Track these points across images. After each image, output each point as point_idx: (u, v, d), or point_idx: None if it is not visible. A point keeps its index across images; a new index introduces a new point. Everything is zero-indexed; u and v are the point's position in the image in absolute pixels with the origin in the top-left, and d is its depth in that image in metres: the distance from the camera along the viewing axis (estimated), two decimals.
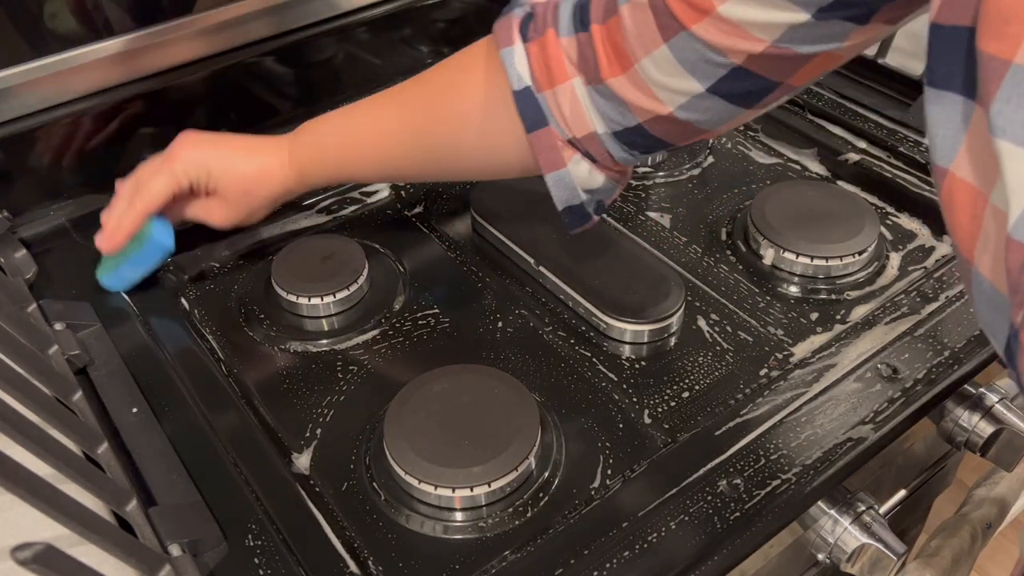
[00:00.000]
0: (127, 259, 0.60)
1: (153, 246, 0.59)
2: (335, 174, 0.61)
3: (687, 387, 0.57)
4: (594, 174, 0.51)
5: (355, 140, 0.58)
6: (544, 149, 0.50)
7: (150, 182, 0.59)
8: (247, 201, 0.61)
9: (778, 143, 0.80)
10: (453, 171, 0.60)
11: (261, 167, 0.60)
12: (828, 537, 0.51)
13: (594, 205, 0.53)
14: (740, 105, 0.45)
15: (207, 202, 0.61)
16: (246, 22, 0.73)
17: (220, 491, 0.48)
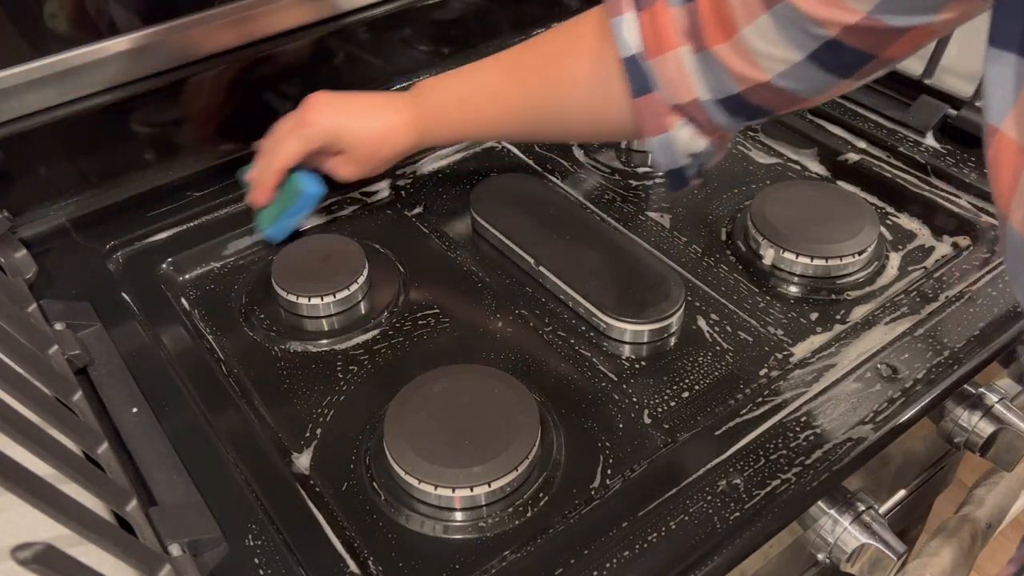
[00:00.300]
0: (284, 211, 0.67)
1: (303, 196, 0.66)
2: (453, 134, 0.67)
3: (687, 387, 0.57)
4: (696, 139, 0.53)
5: (474, 103, 0.62)
6: (648, 114, 0.52)
7: (284, 142, 0.64)
8: (371, 159, 0.66)
9: (778, 143, 0.80)
10: (559, 133, 0.66)
11: (384, 129, 0.64)
12: (828, 537, 0.51)
13: (695, 169, 0.56)
14: (837, 75, 0.46)
15: (336, 159, 0.66)
16: (246, 22, 0.73)
17: (220, 491, 0.48)
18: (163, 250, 0.67)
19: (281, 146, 0.65)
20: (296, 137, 0.64)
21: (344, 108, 0.65)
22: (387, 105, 0.65)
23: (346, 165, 0.66)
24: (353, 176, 0.67)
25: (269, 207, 0.67)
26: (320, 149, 0.65)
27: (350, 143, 0.64)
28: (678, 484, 0.48)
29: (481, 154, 0.79)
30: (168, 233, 0.69)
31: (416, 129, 0.64)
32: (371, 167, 0.67)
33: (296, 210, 0.67)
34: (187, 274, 0.67)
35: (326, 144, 0.64)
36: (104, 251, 0.66)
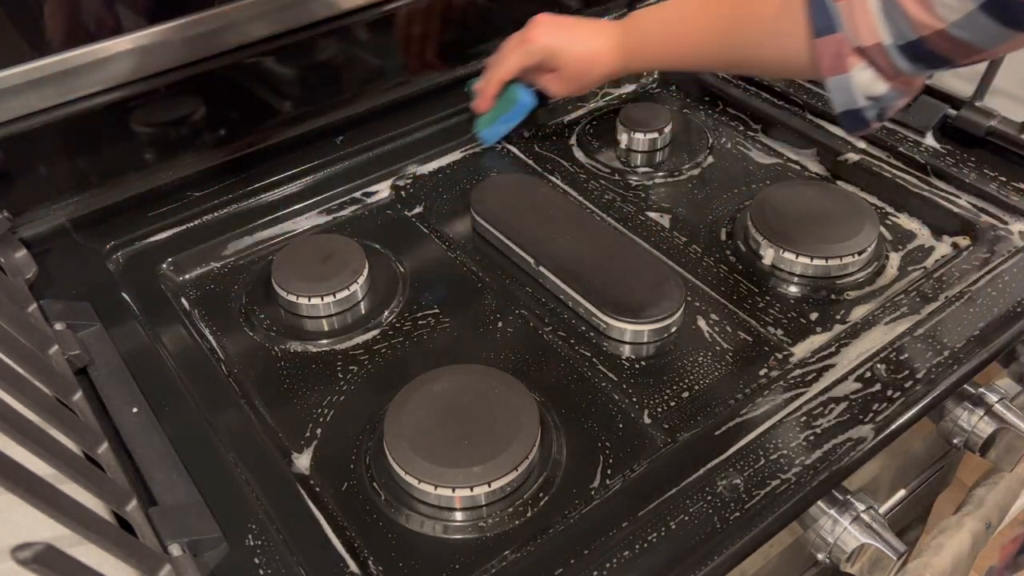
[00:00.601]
0: (498, 117, 0.77)
1: (517, 105, 0.76)
2: (655, 61, 0.74)
3: (687, 387, 0.57)
4: (877, 82, 0.54)
5: (675, 37, 0.68)
6: (829, 54, 0.54)
7: (507, 56, 0.74)
8: (580, 79, 0.74)
9: (778, 143, 0.80)
10: (746, 66, 0.73)
11: (594, 52, 0.71)
12: (828, 537, 0.51)
13: (875, 112, 0.56)
14: (1012, 28, 0.47)
15: (549, 76, 0.74)
16: (246, 22, 0.73)
17: (220, 491, 0.48)
18: (163, 250, 0.67)
19: (504, 60, 0.75)
20: (517, 53, 0.73)
21: (561, 30, 0.73)
22: (599, 31, 0.72)
23: (557, 82, 0.74)
24: (562, 92, 0.75)
25: (488, 113, 0.77)
26: (537, 65, 0.73)
27: (563, 62, 0.72)
28: (678, 484, 0.48)
29: (481, 154, 0.79)
30: (168, 233, 0.69)
31: (620, 56, 0.71)
32: (579, 86, 0.75)
33: (509, 117, 0.76)
34: (187, 274, 0.67)
35: (542, 61, 0.73)
36: (104, 251, 0.66)
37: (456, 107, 0.82)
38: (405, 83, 0.83)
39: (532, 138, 0.82)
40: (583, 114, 0.85)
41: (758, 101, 0.83)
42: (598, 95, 0.87)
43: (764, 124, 0.81)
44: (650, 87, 0.89)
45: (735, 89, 0.84)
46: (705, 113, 0.85)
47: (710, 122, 0.83)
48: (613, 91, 0.88)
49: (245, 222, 0.70)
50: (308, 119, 0.79)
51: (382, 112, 0.81)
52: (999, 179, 0.69)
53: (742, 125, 0.82)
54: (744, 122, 0.82)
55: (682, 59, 0.70)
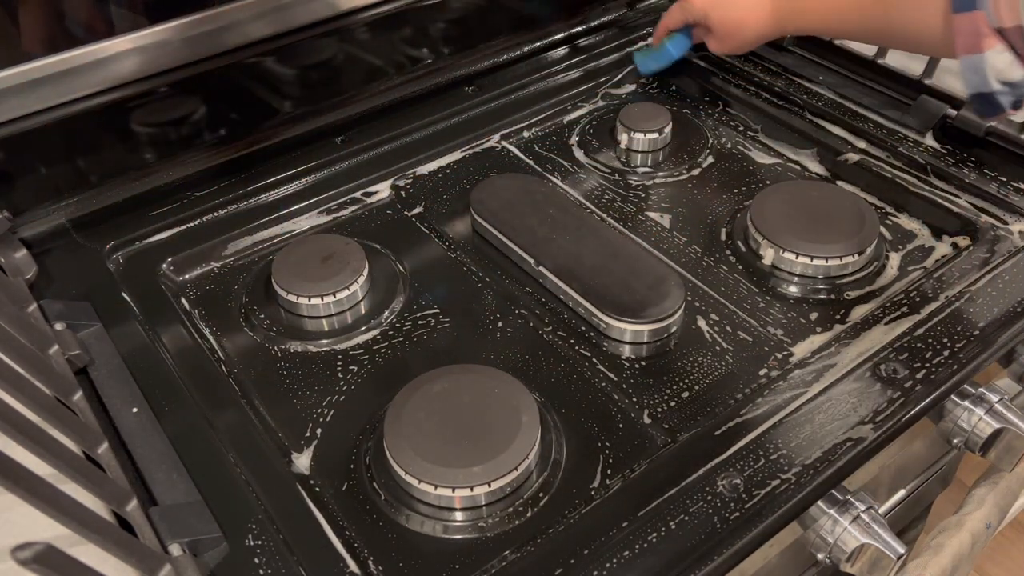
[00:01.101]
0: (652, 54, 0.87)
1: (666, 50, 0.85)
2: (805, 25, 0.75)
3: (687, 387, 0.57)
4: (1015, 67, 0.54)
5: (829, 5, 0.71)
6: (965, 32, 0.54)
7: (672, 9, 0.81)
8: (732, 38, 0.78)
9: (778, 143, 0.80)
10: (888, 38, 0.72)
11: (744, 16, 0.76)
12: (828, 537, 0.51)
13: (1012, 99, 0.56)
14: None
15: (707, 33, 0.80)
16: (246, 22, 0.73)
17: (220, 491, 0.48)
18: (163, 250, 0.67)
19: (670, 12, 0.82)
20: (678, 8, 0.80)
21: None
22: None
23: (712, 40, 0.80)
24: (717, 50, 0.81)
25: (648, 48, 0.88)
26: (695, 23, 0.80)
27: (714, 23, 0.77)
28: (678, 484, 0.48)
29: (481, 154, 0.79)
30: (168, 233, 0.69)
31: (774, 17, 0.74)
32: (733, 45, 0.79)
33: (658, 57, 0.86)
34: (187, 274, 0.67)
35: (696, 20, 0.79)
36: (104, 251, 0.66)
37: (456, 107, 0.82)
38: (405, 83, 0.83)
39: (532, 138, 0.82)
40: (583, 114, 0.85)
41: (758, 101, 0.83)
42: (598, 95, 0.87)
43: (764, 124, 0.81)
44: (650, 87, 0.89)
45: (735, 89, 0.84)
46: (705, 113, 0.85)
47: (710, 122, 0.83)
48: (613, 91, 0.88)
49: (245, 222, 0.70)
50: (308, 119, 0.79)
51: (382, 112, 0.81)
52: (999, 179, 0.69)
53: (742, 125, 0.82)
54: (744, 122, 0.82)
55: (832, 24, 0.72)
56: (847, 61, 0.81)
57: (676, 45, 0.84)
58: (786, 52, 0.85)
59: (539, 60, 0.89)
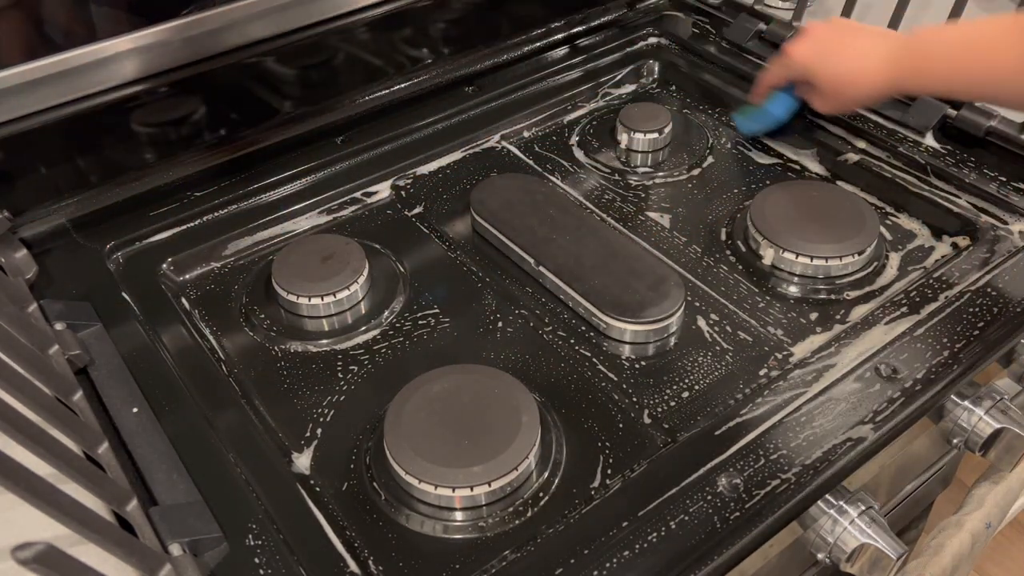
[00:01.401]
0: (753, 114, 0.79)
1: (766, 112, 0.77)
2: (929, 87, 0.68)
3: (687, 387, 0.57)
4: None
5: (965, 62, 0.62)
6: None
7: (773, 65, 0.74)
8: (840, 98, 0.71)
9: (778, 143, 0.80)
10: None
11: (855, 73, 0.68)
12: (828, 537, 0.51)
13: None
14: None
15: (811, 90, 0.72)
16: (246, 22, 0.73)
17: (220, 491, 0.48)
18: (163, 250, 0.67)
19: (771, 67, 0.75)
20: (778, 64, 0.73)
21: (821, 46, 0.70)
22: (869, 50, 0.67)
23: (817, 98, 0.73)
24: (822, 109, 0.73)
25: (750, 107, 0.79)
26: (796, 79, 0.73)
27: (819, 80, 0.70)
28: (678, 484, 0.48)
29: (481, 154, 0.79)
30: (168, 233, 0.69)
31: (891, 74, 0.66)
32: (838, 104, 0.72)
33: (761, 118, 0.78)
34: (187, 274, 0.67)
35: (800, 77, 0.72)
36: (104, 251, 0.66)
37: (456, 107, 0.82)
38: (405, 83, 0.83)
39: (532, 138, 0.82)
40: (583, 114, 0.85)
41: None
42: (598, 95, 0.87)
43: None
44: (650, 87, 0.89)
45: (735, 89, 0.84)
46: (705, 113, 0.85)
47: (710, 122, 0.83)
48: (613, 91, 0.88)
49: (245, 222, 0.70)
50: (308, 119, 0.79)
51: (382, 112, 0.81)
52: (999, 179, 0.69)
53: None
54: None
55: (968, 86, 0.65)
56: None
57: (778, 105, 0.76)
58: None
59: (539, 60, 0.89)
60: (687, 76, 0.88)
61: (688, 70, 0.88)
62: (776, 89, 0.76)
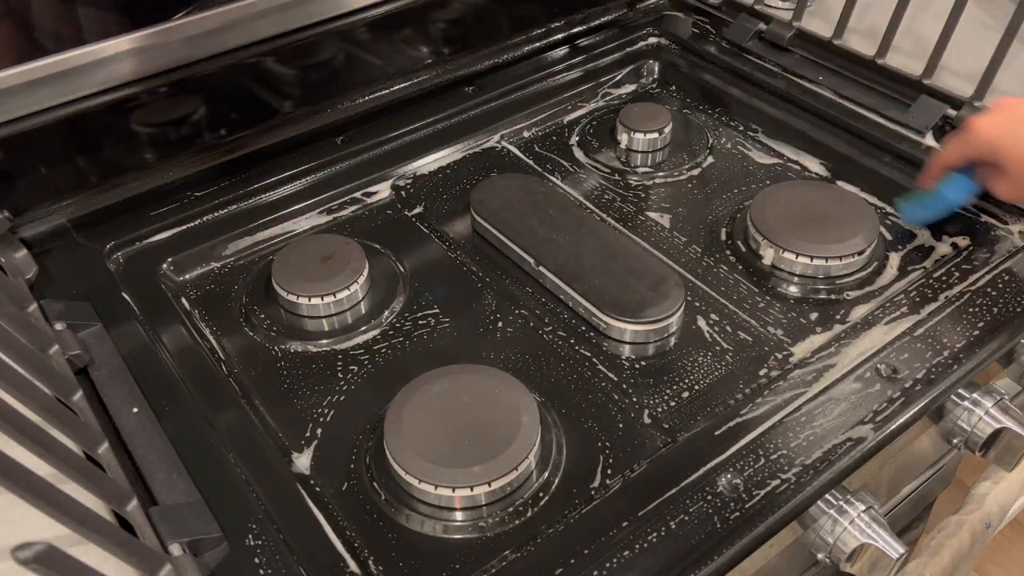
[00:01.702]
0: (923, 199, 0.67)
1: (938, 196, 0.66)
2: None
3: (687, 387, 0.57)
4: None
5: None
6: None
7: (950, 142, 0.64)
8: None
9: (778, 143, 0.80)
10: None
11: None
12: (828, 537, 0.51)
13: None
14: None
15: (995, 173, 0.62)
16: (246, 22, 0.73)
17: (220, 491, 0.48)
18: (163, 250, 0.67)
19: (947, 145, 0.64)
20: (958, 141, 0.63)
21: (1016, 123, 0.60)
22: None
23: (1002, 183, 0.63)
24: (1005, 195, 0.64)
25: (918, 194, 0.68)
26: (978, 159, 0.62)
27: (1006, 161, 0.60)
28: (678, 484, 0.48)
29: (481, 154, 0.79)
30: (168, 233, 0.69)
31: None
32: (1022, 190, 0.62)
33: (931, 204, 0.66)
34: (187, 274, 0.67)
35: (983, 156, 0.62)
36: (104, 251, 0.66)
37: (456, 107, 0.82)
38: (405, 83, 0.83)
39: (532, 138, 0.82)
40: (583, 114, 0.85)
41: (758, 101, 0.82)
42: (598, 95, 0.87)
43: (764, 124, 0.81)
44: (650, 87, 0.89)
45: (735, 89, 0.84)
46: (705, 113, 0.85)
47: (710, 122, 0.83)
48: (613, 91, 0.88)
49: (245, 222, 0.70)
50: (308, 119, 0.79)
51: (382, 112, 0.81)
52: None
53: (742, 125, 0.82)
54: (744, 122, 0.82)
55: None
56: (847, 61, 0.81)
57: (955, 189, 0.65)
58: (786, 52, 0.85)
59: (539, 60, 0.89)
60: (687, 76, 0.88)
61: (688, 70, 0.88)
62: (952, 170, 0.65)
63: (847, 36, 0.81)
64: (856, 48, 0.81)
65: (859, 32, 0.83)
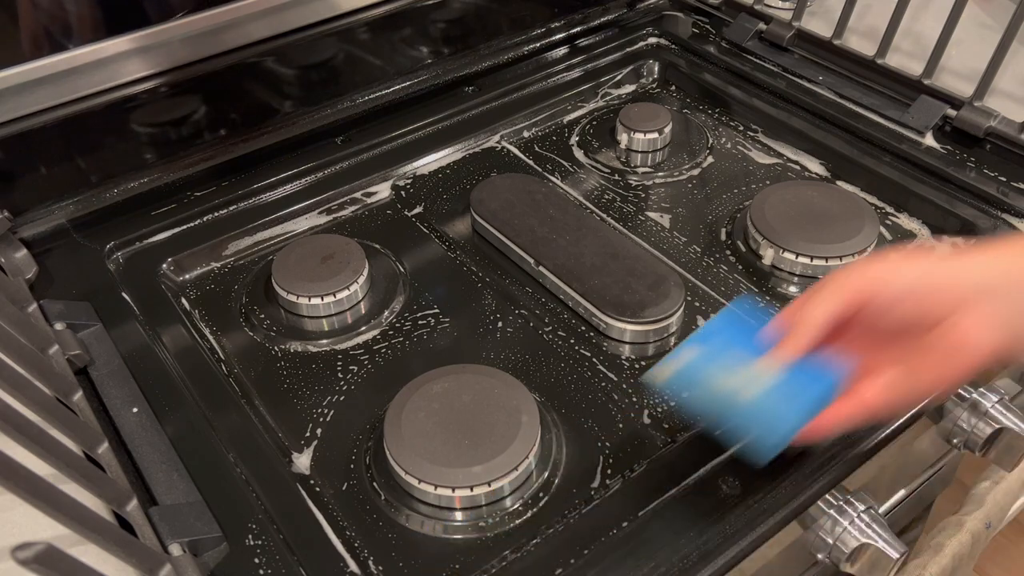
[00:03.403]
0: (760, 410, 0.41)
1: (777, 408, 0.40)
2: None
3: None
4: None
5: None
6: None
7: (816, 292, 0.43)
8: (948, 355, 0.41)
9: (778, 143, 0.80)
10: None
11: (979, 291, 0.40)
12: (828, 537, 0.51)
13: None
14: None
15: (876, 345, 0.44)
16: (246, 22, 0.73)
17: (220, 491, 0.48)
18: (163, 250, 0.67)
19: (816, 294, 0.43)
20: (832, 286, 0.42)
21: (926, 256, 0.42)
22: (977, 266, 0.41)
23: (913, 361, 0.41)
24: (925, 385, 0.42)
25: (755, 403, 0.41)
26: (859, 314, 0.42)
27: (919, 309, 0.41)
28: (678, 484, 0.48)
29: (481, 154, 0.79)
30: (168, 233, 0.69)
31: None
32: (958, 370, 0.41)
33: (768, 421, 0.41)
34: (187, 274, 0.67)
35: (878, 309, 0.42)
36: (104, 251, 0.66)
37: (456, 107, 0.82)
38: (405, 83, 0.83)
39: (532, 138, 0.82)
40: (583, 114, 0.85)
41: (758, 101, 0.82)
42: (598, 95, 0.87)
43: (764, 124, 0.81)
44: (650, 87, 0.89)
45: (735, 89, 0.84)
46: (705, 113, 0.85)
47: (710, 122, 0.83)
48: (613, 91, 0.88)
49: (245, 222, 0.70)
50: (308, 119, 0.79)
51: (382, 112, 0.81)
52: (999, 179, 0.69)
53: (742, 125, 0.82)
54: (744, 122, 0.82)
55: None
56: (847, 61, 0.81)
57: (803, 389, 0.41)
58: (786, 52, 0.85)
59: (539, 60, 0.89)
60: (687, 76, 0.88)
61: (688, 70, 0.88)
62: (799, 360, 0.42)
63: (847, 36, 0.82)
64: (856, 48, 0.81)
65: (859, 32, 0.83)
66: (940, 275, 0.40)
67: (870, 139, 0.76)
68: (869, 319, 0.42)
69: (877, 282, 0.40)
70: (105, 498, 0.42)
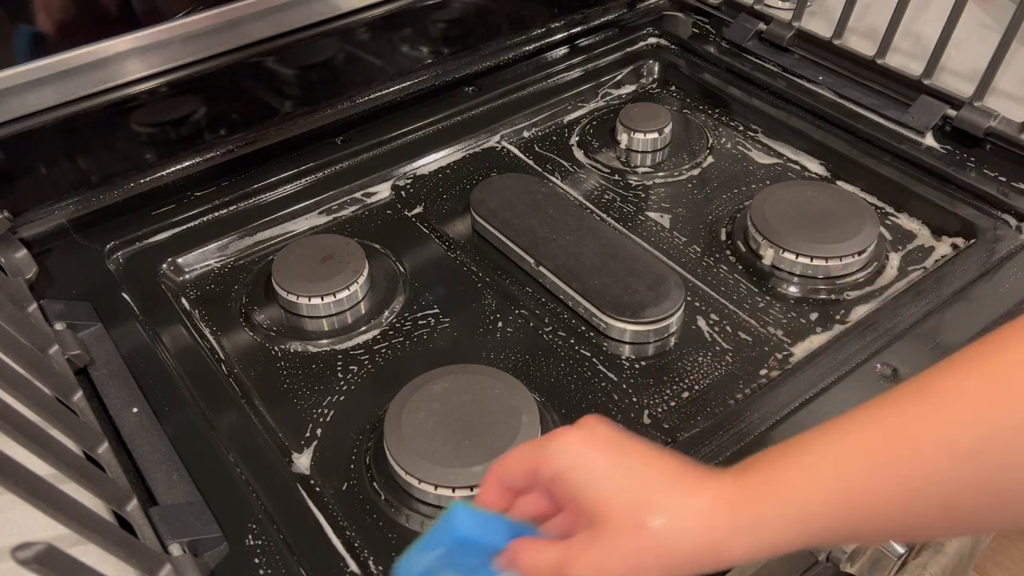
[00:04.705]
0: None
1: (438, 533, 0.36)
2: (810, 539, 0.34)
3: (687, 387, 0.57)
4: None
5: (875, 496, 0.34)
6: None
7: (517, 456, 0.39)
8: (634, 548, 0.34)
9: (778, 143, 0.80)
10: None
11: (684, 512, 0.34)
12: None
13: None
14: None
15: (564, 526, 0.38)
16: (246, 22, 0.73)
17: (220, 491, 0.48)
18: (163, 250, 0.67)
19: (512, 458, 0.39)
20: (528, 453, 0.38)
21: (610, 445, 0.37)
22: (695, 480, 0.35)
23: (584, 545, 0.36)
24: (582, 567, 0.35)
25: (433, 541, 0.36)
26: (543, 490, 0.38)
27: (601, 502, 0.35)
28: None
29: (481, 154, 0.79)
30: (168, 233, 0.69)
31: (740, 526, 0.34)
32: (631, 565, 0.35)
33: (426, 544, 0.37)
34: (187, 274, 0.67)
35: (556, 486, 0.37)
36: (104, 251, 0.66)
37: (456, 107, 0.82)
38: (405, 83, 0.83)
39: (532, 138, 0.82)
40: (583, 114, 0.85)
41: (758, 101, 0.82)
42: (598, 95, 0.87)
43: (764, 124, 0.81)
44: (650, 87, 0.89)
45: (735, 89, 0.84)
46: (705, 113, 0.85)
47: (710, 122, 0.83)
48: (613, 91, 0.88)
49: (245, 222, 0.70)
50: (308, 119, 0.79)
51: (382, 112, 0.81)
52: (999, 179, 0.69)
53: (742, 125, 0.82)
54: (744, 122, 0.82)
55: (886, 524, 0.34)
56: (847, 61, 0.81)
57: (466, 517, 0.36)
58: (786, 52, 0.85)
59: (539, 60, 0.89)
60: (687, 76, 0.88)
61: (688, 70, 0.88)
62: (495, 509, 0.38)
63: (847, 36, 0.82)
64: (856, 48, 0.81)
65: (859, 32, 0.83)
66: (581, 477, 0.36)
67: (870, 139, 0.76)
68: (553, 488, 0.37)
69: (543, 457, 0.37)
70: (105, 498, 0.42)
